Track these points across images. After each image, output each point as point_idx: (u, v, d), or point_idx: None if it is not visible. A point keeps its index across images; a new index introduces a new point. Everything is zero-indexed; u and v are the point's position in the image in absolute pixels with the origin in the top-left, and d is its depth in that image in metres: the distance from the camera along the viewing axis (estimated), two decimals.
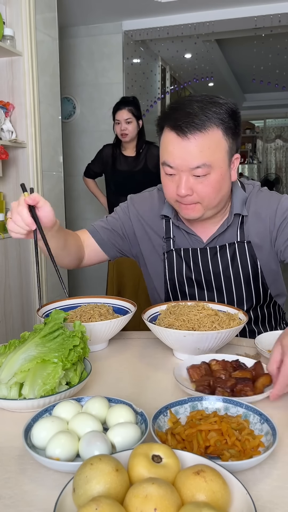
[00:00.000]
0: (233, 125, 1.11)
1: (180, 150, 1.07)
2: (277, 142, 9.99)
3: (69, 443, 0.67)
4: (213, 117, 1.07)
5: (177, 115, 1.07)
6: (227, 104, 1.10)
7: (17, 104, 2.59)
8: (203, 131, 1.06)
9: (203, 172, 1.08)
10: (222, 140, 1.09)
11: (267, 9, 3.80)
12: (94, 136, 4.32)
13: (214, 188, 1.11)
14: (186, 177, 1.10)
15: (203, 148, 1.07)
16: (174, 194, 1.14)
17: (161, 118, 1.14)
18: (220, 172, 1.11)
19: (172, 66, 5.56)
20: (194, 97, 1.11)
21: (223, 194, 1.16)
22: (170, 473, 0.57)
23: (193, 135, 1.06)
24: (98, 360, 1.07)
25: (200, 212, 1.16)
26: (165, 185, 1.16)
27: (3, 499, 0.61)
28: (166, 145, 1.11)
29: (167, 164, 1.11)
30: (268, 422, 0.73)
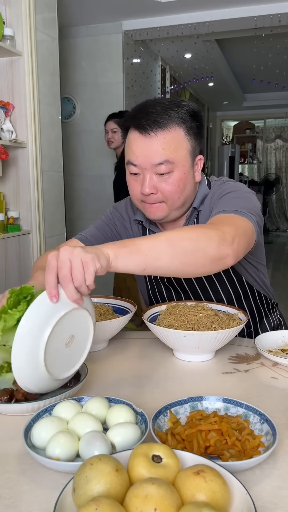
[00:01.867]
0: (195, 126, 1.13)
1: (143, 148, 1.09)
2: (277, 142, 9.99)
3: (69, 443, 0.67)
4: (175, 117, 1.09)
5: (140, 115, 1.10)
6: (188, 105, 1.13)
7: (17, 104, 2.59)
8: (164, 129, 1.08)
9: (166, 169, 1.10)
10: (184, 139, 1.11)
11: (267, 9, 3.81)
12: (94, 136, 4.32)
13: (177, 186, 1.13)
14: (150, 175, 1.11)
15: (165, 145, 1.09)
16: (138, 194, 1.15)
17: (125, 120, 1.16)
18: (183, 171, 1.12)
19: (172, 66, 5.56)
20: (157, 99, 1.14)
21: (187, 194, 1.17)
22: (170, 473, 0.57)
23: (155, 132, 1.08)
24: (98, 360, 1.07)
25: (165, 212, 1.17)
26: (130, 185, 1.18)
27: (3, 499, 0.61)
28: (130, 144, 1.13)
29: (131, 163, 1.13)
30: (268, 422, 0.73)
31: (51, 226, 2.89)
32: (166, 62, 5.40)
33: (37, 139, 2.66)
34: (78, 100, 4.32)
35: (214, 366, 1.04)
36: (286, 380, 0.97)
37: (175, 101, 1.13)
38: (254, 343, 1.11)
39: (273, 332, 1.18)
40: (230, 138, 10.12)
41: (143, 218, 1.29)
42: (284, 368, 1.03)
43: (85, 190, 4.44)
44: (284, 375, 0.99)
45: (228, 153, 7.91)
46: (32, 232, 2.70)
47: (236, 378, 0.98)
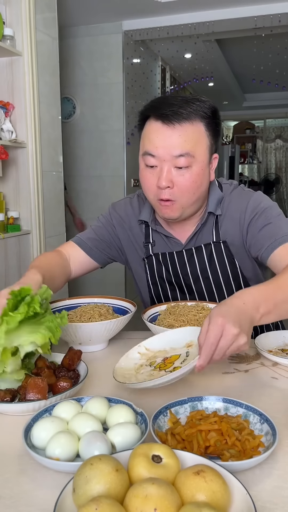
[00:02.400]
0: (214, 123, 1.12)
1: (164, 139, 1.07)
2: (277, 142, 9.99)
3: (69, 443, 0.67)
4: (197, 110, 1.08)
5: (162, 105, 1.08)
6: (209, 101, 1.12)
7: (17, 104, 2.59)
8: (188, 120, 1.07)
9: (186, 163, 1.07)
10: (204, 134, 1.10)
11: (267, 9, 3.81)
12: (94, 136, 4.32)
13: (194, 182, 1.10)
14: (168, 168, 1.08)
15: (187, 137, 1.07)
16: (154, 188, 1.12)
17: (146, 109, 1.13)
18: (201, 167, 1.11)
19: (172, 66, 5.56)
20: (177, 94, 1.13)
21: (201, 191, 1.15)
22: (170, 473, 0.57)
23: (179, 123, 1.06)
24: (98, 360, 1.07)
25: (178, 212, 1.15)
26: (144, 178, 1.14)
27: (3, 499, 0.61)
28: (149, 134, 1.10)
29: (149, 153, 1.09)
30: (268, 422, 0.73)
31: (51, 226, 2.89)
32: (166, 62, 5.40)
33: (37, 139, 2.66)
34: (78, 100, 4.32)
35: (214, 366, 1.04)
36: (286, 380, 0.97)
37: (196, 96, 1.12)
38: (254, 343, 1.11)
39: (273, 332, 1.18)
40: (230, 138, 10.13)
41: (149, 218, 1.26)
42: (284, 368, 1.03)
43: (85, 190, 4.44)
44: (284, 375, 0.99)
45: (228, 153, 7.91)
46: (32, 232, 2.70)
47: (236, 378, 0.98)
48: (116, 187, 4.35)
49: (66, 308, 1.27)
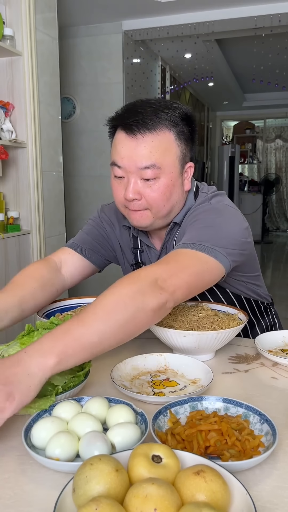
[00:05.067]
0: (187, 131, 1.08)
1: (129, 150, 1.04)
2: (277, 142, 9.99)
3: (69, 443, 0.67)
4: (165, 119, 1.04)
5: (128, 115, 1.05)
6: (181, 108, 1.08)
7: (17, 104, 2.59)
8: (153, 131, 1.03)
9: (152, 174, 1.04)
10: (173, 144, 1.06)
11: (267, 9, 3.81)
12: (94, 136, 4.32)
13: (163, 194, 1.07)
14: (134, 180, 1.06)
15: (153, 148, 1.03)
16: (122, 198, 1.10)
17: (112, 119, 1.10)
18: (171, 178, 1.07)
19: (172, 66, 5.56)
20: (149, 100, 1.08)
21: (173, 202, 1.11)
22: (170, 473, 0.57)
23: (142, 134, 1.03)
24: (98, 360, 1.07)
25: (149, 220, 1.11)
26: (114, 189, 1.13)
27: (3, 499, 0.61)
28: (115, 145, 1.08)
29: (116, 164, 1.08)
30: (268, 422, 0.73)
31: (51, 226, 2.89)
32: (166, 62, 5.40)
33: (37, 139, 2.66)
34: (78, 100, 4.32)
35: (214, 366, 1.04)
36: (286, 380, 0.97)
37: (167, 102, 1.07)
38: (254, 343, 1.11)
39: (273, 332, 1.18)
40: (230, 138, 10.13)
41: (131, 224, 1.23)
42: (284, 368, 1.03)
43: (85, 190, 4.44)
44: (284, 375, 0.99)
45: (228, 153, 7.91)
46: (32, 232, 2.70)
47: (236, 378, 0.98)
48: None
49: (66, 308, 1.27)
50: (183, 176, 1.11)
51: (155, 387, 0.92)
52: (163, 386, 0.92)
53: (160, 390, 0.91)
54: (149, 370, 0.99)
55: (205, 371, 0.94)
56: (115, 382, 0.88)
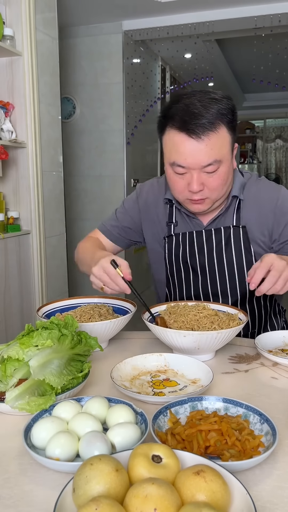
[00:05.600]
0: (234, 120, 1.15)
1: (192, 151, 1.10)
2: (277, 142, 9.98)
3: (69, 443, 0.67)
4: (218, 114, 1.10)
5: (183, 115, 1.09)
6: (226, 99, 1.13)
7: (17, 104, 2.59)
8: (213, 130, 1.09)
9: (214, 168, 1.12)
10: (226, 135, 1.13)
11: (267, 9, 3.80)
12: (94, 136, 4.32)
13: (223, 180, 1.15)
14: (198, 174, 1.13)
15: (213, 145, 1.10)
16: (185, 191, 1.17)
17: (165, 118, 1.14)
18: (227, 165, 1.15)
19: (172, 66, 5.55)
20: (191, 94, 1.12)
21: (229, 184, 1.21)
22: (170, 473, 0.57)
23: (205, 135, 1.08)
24: (98, 360, 1.07)
25: (209, 205, 1.20)
26: (174, 183, 1.18)
27: (3, 499, 0.61)
28: (175, 146, 1.12)
29: (178, 165, 1.13)
30: (268, 422, 0.73)
31: (51, 226, 2.89)
32: (166, 62, 5.39)
33: (37, 139, 2.66)
34: (78, 100, 4.32)
35: (214, 366, 1.04)
36: (286, 380, 0.97)
37: (210, 95, 1.12)
38: (254, 343, 1.11)
39: (273, 332, 1.18)
40: None
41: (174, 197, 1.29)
42: (284, 368, 1.03)
43: (85, 190, 4.44)
44: (284, 375, 0.99)
45: None
46: (32, 232, 2.70)
47: (236, 378, 0.98)
48: (116, 187, 4.34)
49: (66, 308, 1.27)
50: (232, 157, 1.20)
51: (155, 387, 0.92)
52: (163, 386, 0.92)
53: (160, 390, 0.91)
54: (149, 370, 0.99)
55: (205, 371, 0.94)
56: (115, 382, 0.88)
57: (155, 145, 5.16)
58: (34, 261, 2.73)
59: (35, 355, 0.83)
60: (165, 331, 1.02)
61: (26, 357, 0.85)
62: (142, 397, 0.84)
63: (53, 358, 0.84)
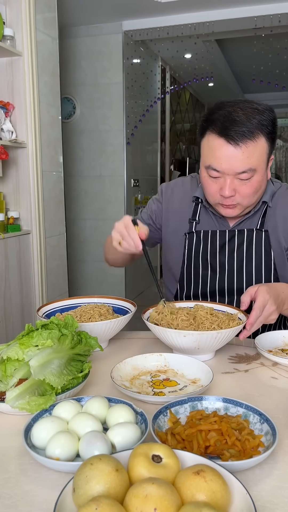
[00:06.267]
0: (273, 132, 1.17)
1: (228, 156, 1.12)
2: (277, 142, 9.99)
3: (69, 443, 0.67)
4: (259, 124, 1.12)
5: (224, 121, 1.12)
6: (268, 111, 1.16)
7: (17, 104, 2.59)
8: (251, 139, 1.11)
9: (248, 176, 1.14)
10: (265, 145, 1.15)
11: (267, 9, 3.80)
12: (94, 136, 4.32)
13: (255, 188, 1.18)
14: (231, 180, 1.15)
15: (250, 154, 1.12)
16: (217, 195, 1.20)
17: (207, 122, 1.17)
18: (261, 174, 1.17)
19: (172, 66, 5.56)
20: (235, 104, 1.15)
21: (261, 193, 1.23)
22: (170, 473, 0.57)
23: (243, 142, 1.11)
24: (98, 360, 1.07)
25: (240, 211, 1.23)
26: (207, 185, 1.21)
27: (3, 499, 0.61)
28: (212, 150, 1.15)
29: (213, 168, 1.16)
30: (268, 422, 0.73)
31: (51, 226, 2.89)
32: (166, 62, 5.40)
33: (37, 139, 2.66)
34: (78, 100, 4.32)
35: (214, 366, 1.04)
36: (286, 380, 0.97)
37: (254, 105, 1.15)
38: (254, 343, 1.11)
39: (273, 332, 1.18)
40: None
41: (203, 196, 1.32)
42: (284, 368, 1.03)
43: (85, 190, 4.44)
44: (284, 375, 0.99)
45: None
46: (32, 232, 2.70)
47: (236, 378, 0.98)
48: (116, 187, 4.34)
49: (66, 308, 1.27)
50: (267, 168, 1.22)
51: (155, 387, 0.92)
52: (163, 386, 0.92)
53: (160, 390, 0.91)
54: (149, 370, 0.99)
55: (205, 371, 0.94)
56: (115, 382, 0.88)
57: (155, 145, 5.16)
58: (34, 261, 2.73)
59: (35, 355, 0.83)
60: (165, 331, 1.02)
61: (26, 357, 0.85)
62: (142, 397, 0.84)
63: (53, 358, 0.84)
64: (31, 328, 0.91)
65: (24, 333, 0.90)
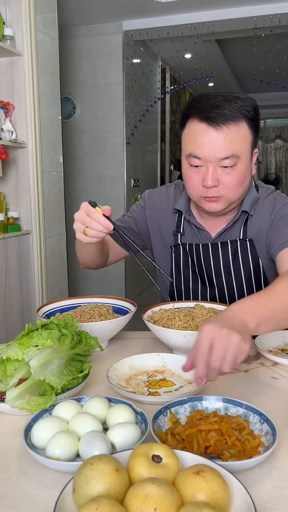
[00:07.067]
0: (256, 119, 1.13)
1: (210, 141, 1.08)
2: (277, 142, 9.98)
3: (69, 443, 0.67)
4: (241, 109, 1.08)
5: (206, 107, 1.08)
6: (250, 99, 1.12)
7: (17, 104, 2.59)
8: (233, 121, 1.07)
9: (231, 163, 1.09)
10: (247, 132, 1.11)
11: (267, 9, 3.80)
12: (94, 136, 4.32)
13: (239, 179, 1.12)
14: (214, 169, 1.10)
15: (232, 138, 1.08)
16: (199, 187, 1.14)
17: (188, 109, 1.13)
18: (246, 164, 1.12)
19: (172, 66, 5.55)
20: (217, 92, 1.12)
21: (245, 187, 1.17)
22: (170, 473, 0.57)
23: (225, 124, 1.07)
24: (98, 360, 1.07)
25: (224, 205, 1.17)
26: (189, 177, 1.16)
27: (3, 499, 0.61)
28: (193, 136, 1.10)
29: (194, 155, 1.11)
30: (268, 422, 0.73)
31: (51, 226, 2.89)
32: (166, 62, 5.39)
33: (37, 139, 2.66)
34: (78, 100, 4.32)
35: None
36: (286, 380, 0.97)
37: (235, 94, 1.11)
38: (254, 343, 1.11)
39: (273, 332, 1.18)
40: None
41: (184, 208, 1.28)
42: (284, 368, 1.03)
43: (85, 190, 4.44)
44: (284, 375, 0.99)
45: None
46: (32, 232, 2.70)
47: (236, 378, 0.98)
48: (116, 187, 4.35)
49: (66, 308, 1.27)
50: (251, 162, 1.17)
51: (151, 387, 0.92)
52: (159, 386, 0.92)
53: (156, 390, 0.91)
54: (146, 370, 0.99)
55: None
56: (110, 381, 0.88)
57: (155, 145, 5.16)
58: (34, 261, 2.73)
59: (35, 355, 0.83)
60: (165, 331, 1.02)
61: (26, 357, 0.85)
62: (136, 396, 0.84)
63: (53, 358, 0.84)
64: (31, 328, 0.91)
65: (24, 333, 0.90)
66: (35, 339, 0.87)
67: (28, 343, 0.87)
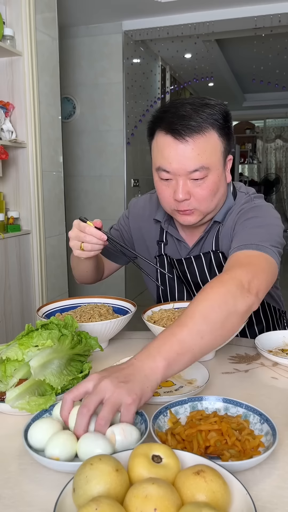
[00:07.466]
0: (226, 126, 1.09)
1: (177, 154, 1.04)
2: (277, 142, 9.98)
3: (69, 443, 0.67)
4: (208, 119, 1.04)
5: (171, 117, 1.04)
6: (219, 105, 1.08)
7: (17, 104, 2.59)
8: (200, 133, 1.03)
9: (201, 175, 1.05)
10: (218, 141, 1.06)
11: (267, 9, 3.81)
12: (94, 136, 4.32)
13: (211, 190, 1.08)
14: (183, 181, 1.06)
15: (200, 150, 1.03)
16: (170, 200, 1.11)
17: (153, 122, 1.09)
18: (217, 174, 1.08)
19: (172, 66, 5.56)
20: (185, 100, 1.08)
21: (219, 196, 1.13)
22: (170, 473, 0.57)
23: (191, 137, 1.02)
24: (98, 360, 1.07)
25: (198, 217, 1.13)
26: (160, 191, 1.12)
27: (3, 499, 0.61)
28: (161, 149, 1.06)
29: (163, 169, 1.07)
30: (268, 422, 0.73)
31: (51, 226, 2.89)
32: (166, 62, 5.39)
33: (37, 139, 2.66)
34: (78, 100, 4.32)
35: (214, 366, 1.04)
36: (286, 380, 0.97)
37: (204, 100, 1.07)
38: (254, 343, 1.11)
39: (273, 332, 1.18)
40: None
41: (163, 218, 1.26)
42: (284, 368, 1.03)
43: (85, 190, 4.44)
44: (284, 375, 0.99)
45: None
46: (32, 232, 2.70)
47: (236, 378, 0.98)
48: (116, 187, 4.35)
49: (66, 308, 1.27)
50: (225, 169, 1.13)
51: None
52: (158, 386, 0.92)
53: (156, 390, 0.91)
54: None
55: (202, 371, 0.94)
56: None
57: None
58: (34, 261, 2.73)
59: (35, 355, 0.83)
60: None
61: (26, 358, 0.85)
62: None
63: (53, 358, 0.84)
64: (31, 328, 0.91)
65: (24, 333, 0.90)
66: (35, 339, 0.87)
67: (28, 343, 0.87)
